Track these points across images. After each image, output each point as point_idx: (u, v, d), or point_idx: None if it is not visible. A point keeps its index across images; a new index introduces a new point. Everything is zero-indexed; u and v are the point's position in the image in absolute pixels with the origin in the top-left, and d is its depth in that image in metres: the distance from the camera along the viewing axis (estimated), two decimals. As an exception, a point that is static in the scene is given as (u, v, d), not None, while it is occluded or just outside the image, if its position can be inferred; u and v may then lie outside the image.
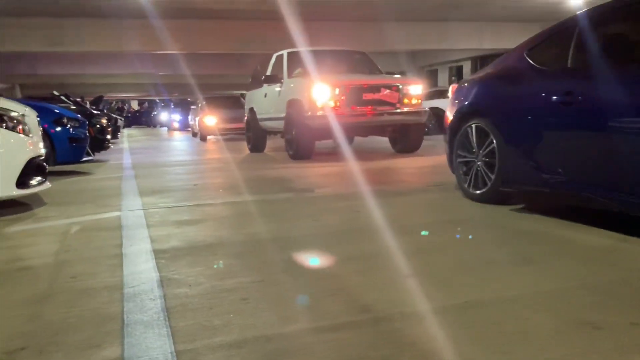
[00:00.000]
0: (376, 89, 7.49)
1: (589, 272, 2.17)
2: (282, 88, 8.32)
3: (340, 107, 7.24)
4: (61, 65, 21.15)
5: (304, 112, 7.32)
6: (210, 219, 3.56)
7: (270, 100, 8.94)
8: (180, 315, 1.85)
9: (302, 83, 7.73)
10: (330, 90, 7.21)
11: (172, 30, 15.02)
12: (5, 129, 3.79)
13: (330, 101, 7.21)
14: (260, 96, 9.48)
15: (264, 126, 9.58)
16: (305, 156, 7.64)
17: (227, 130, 14.71)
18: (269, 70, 9.30)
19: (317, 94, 7.20)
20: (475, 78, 4.10)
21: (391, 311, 1.82)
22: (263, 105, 9.34)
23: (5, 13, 13.45)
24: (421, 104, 7.92)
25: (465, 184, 3.82)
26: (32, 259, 2.71)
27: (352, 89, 7.35)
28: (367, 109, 7.39)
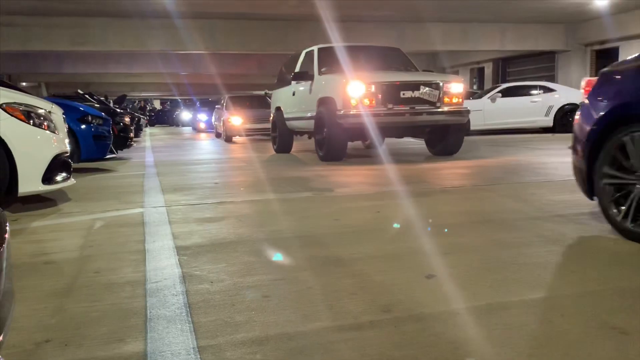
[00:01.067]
0: (415, 87, 6.99)
1: (615, 276, 2.13)
2: (313, 86, 7.88)
3: (375, 105, 6.81)
4: (86, 64, 21.47)
5: (336, 110, 6.92)
6: (232, 217, 3.58)
7: (298, 99, 8.54)
8: (202, 311, 1.86)
9: (334, 80, 7.29)
10: (365, 87, 6.79)
11: (195, 30, 15.15)
12: (32, 125, 3.86)
13: (365, 99, 6.79)
14: (288, 95, 9.11)
15: (291, 126, 9.19)
16: (336, 157, 7.27)
17: (253, 130, 14.17)
18: (297, 67, 8.92)
19: (351, 91, 6.77)
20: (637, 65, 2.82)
21: (413, 311, 1.80)
22: (290, 104, 8.97)
23: (32, 12, 13.71)
24: (462, 102, 7.38)
25: (619, 216, 2.68)
26: (56, 253, 2.75)
27: (388, 87, 6.90)
28: (405, 107, 6.93)
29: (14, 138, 3.71)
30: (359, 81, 6.83)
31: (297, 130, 9.28)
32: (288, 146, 9.65)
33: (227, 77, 28.98)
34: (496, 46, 17.83)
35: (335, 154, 7.27)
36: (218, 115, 16.57)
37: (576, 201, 3.54)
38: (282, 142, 9.57)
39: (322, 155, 7.43)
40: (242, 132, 14.12)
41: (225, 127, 14.50)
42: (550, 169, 5.83)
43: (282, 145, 9.60)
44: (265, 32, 15.75)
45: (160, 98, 50.89)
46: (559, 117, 13.44)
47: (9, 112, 3.75)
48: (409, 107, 6.93)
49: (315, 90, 7.71)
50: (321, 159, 7.48)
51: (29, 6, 12.95)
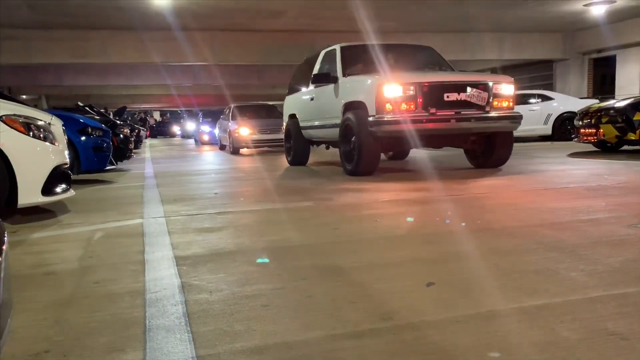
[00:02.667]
0: (461, 88, 6.05)
1: (615, 282, 2.13)
2: (337, 89, 7.01)
3: (415, 110, 5.89)
4: (86, 76, 21.58)
5: (367, 116, 6.06)
6: (231, 227, 3.58)
7: (318, 105, 7.69)
8: (201, 321, 1.85)
9: (365, 82, 6.38)
10: (403, 89, 5.89)
11: (195, 42, 15.25)
12: (32, 137, 3.88)
13: (402, 103, 5.89)
14: (304, 101, 8.30)
15: (308, 135, 8.36)
16: (367, 172, 6.39)
17: (263, 141, 13.38)
18: (315, 69, 8.03)
19: (386, 94, 5.87)
20: None
21: (413, 319, 1.80)
22: (308, 110, 8.15)
23: (33, 26, 13.80)
24: (513, 106, 6.41)
25: None
26: (56, 264, 2.75)
27: (431, 88, 5.97)
28: (450, 112, 5.99)
29: (13, 150, 3.73)
30: (396, 82, 5.95)
31: (314, 140, 8.47)
32: (304, 158, 8.87)
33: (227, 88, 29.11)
34: (494, 55, 17.93)
35: (367, 168, 6.38)
36: (222, 126, 15.62)
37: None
38: (298, 153, 8.77)
39: (350, 168, 6.54)
40: (250, 144, 13.35)
41: (232, 139, 13.64)
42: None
43: (297, 157, 8.82)
44: (264, 44, 15.85)
45: (161, 110, 51.05)
46: (558, 125, 13.49)
47: (9, 124, 3.77)
48: (454, 111, 6.01)
49: (340, 95, 6.89)
50: (348, 172, 6.61)
51: (30, 19, 13.05)
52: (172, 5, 12.11)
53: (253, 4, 12.40)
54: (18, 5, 11.63)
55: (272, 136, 13.06)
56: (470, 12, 14.03)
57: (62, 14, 12.69)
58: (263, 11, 13.12)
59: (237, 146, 13.52)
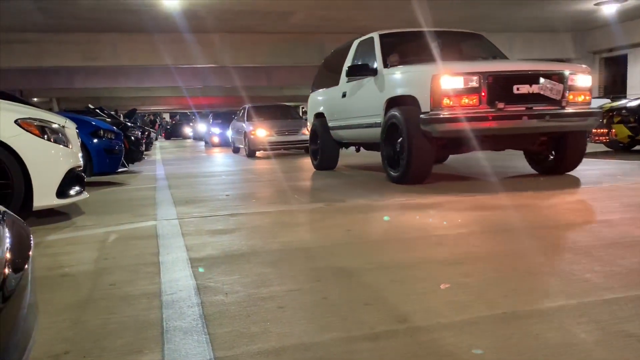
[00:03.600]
0: (533, 79, 5.08)
1: (631, 284, 2.12)
2: (377, 82, 6.12)
3: (479, 105, 4.96)
4: (97, 79, 21.77)
5: (419, 114, 5.16)
6: (244, 228, 3.60)
7: (352, 101, 6.82)
8: (218, 323, 1.87)
9: (417, 72, 5.48)
10: (464, 80, 4.97)
11: (204, 44, 15.33)
12: (47, 140, 3.92)
13: (464, 98, 4.97)
14: (334, 97, 7.43)
15: (338, 136, 7.51)
16: (418, 179, 5.44)
17: (281, 143, 12.73)
18: (348, 61, 7.21)
19: (444, 86, 4.96)
20: None
21: (429, 321, 1.81)
22: (338, 108, 7.30)
23: (44, 29, 13.93)
24: (591, 101, 5.46)
25: None
26: (72, 266, 2.78)
27: (497, 79, 5.02)
28: (521, 108, 5.03)
29: (29, 153, 3.77)
30: (456, 72, 5.03)
31: (346, 142, 7.64)
32: (332, 161, 8.02)
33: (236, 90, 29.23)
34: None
35: (417, 175, 5.41)
36: (236, 127, 14.82)
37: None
38: (325, 156, 7.92)
39: (397, 176, 5.58)
40: (267, 146, 12.68)
41: (248, 141, 12.90)
42: None
43: (325, 161, 7.97)
44: (273, 46, 15.89)
45: (170, 111, 51.32)
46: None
47: (24, 127, 3.81)
48: (525, 107, 5.04)
49: (382, 89, 5.97)
50: (394, 180, 5.65)
51: (41, 23, 13.18)
52: (181, 7, 12.18)
53: (262, 6, 12.44)
54: (30, 9, 11.74)
55: (290, 138, 12.59)
56: (481, 12, 13.99)
57: (73, 17, 12.80)
58: (272, 13, 13.16)
59: (253, 149, 12.90)
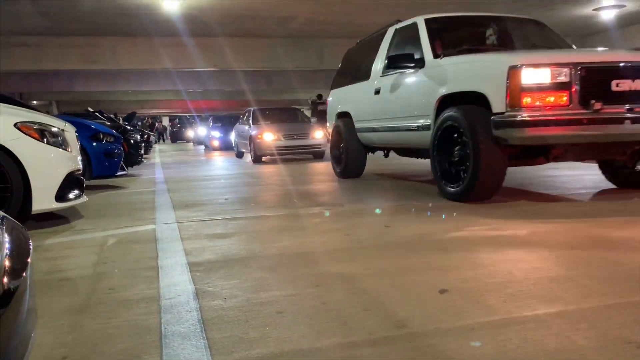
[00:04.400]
0: (636, 72, 4.05)
1: (631, 290, 2.12)
2: (425, 76, 5.07)
3: (570, 105, 3.94)
4: (96, 82, 21.78)
5: (489, 115, 4.16)
6: (243, 232, 3.60)
7: (389, 99, 5.79)
8: (216, 328, 1.87)
9: (486, 63, 4.43)
10: (552, 74, 3.95)
11: (204, 48, 15.36)
12: (46, 143, 3.92)
13: (551, 95, 3.97)
14: (364, 94, 6.47)
15: (368, 140, 6.61)
16: (485, 196, 4.43)
17: (290, 148, 11.99)
18: (381, 52, 6.22)
19: (526, 80, 3.96)
20: None
21: (428, 327, 1.80)
22: (370, 107, 6.32)
23: (44, 32, 13.95)
24: None
25: None
26: (70, 270, 2.78)
27: (592, 72, 3.99)
28: (622, 109, 3.99)
29: (28, 156, 3.77)
30: (541, 64, 4.02)
31: (374, 146, 6.78)
32: (359, 168, 7.11)
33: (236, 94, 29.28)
34: (503, 60, 17.85)
35: (485, 191, 4.39)
36: (240, 131, 13.95)
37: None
38: (351, 161, 6.99)
39: (456, 191, 4.50)
40: (274, 151, 11.93)
41: (255, 145, 12.06)
42: None
43: (350, 167, 7.04)
44: (273, 50, 15.92)
45: (170, 115, 51.36)
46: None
47: (24, 130, 3.81)
48: (626, 107, 3.99)
49: (433, 84, 4.92)
50: (451, 196, 4.58)
51: (41, 26, 13.19)
52: (181, 11, 12.19)
53: (262, 10, 12.45)
54: (29, 12, 11.76)
55: (299, 142, 11.94)
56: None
57: (73, 20, 12.82)
58: (272, 17, 13.18)
59: (259, 154, 12.08)
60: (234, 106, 34.10)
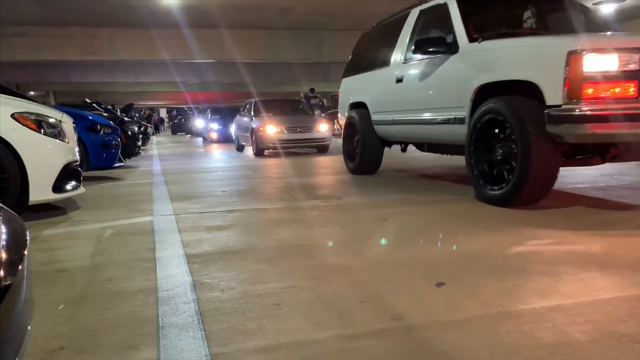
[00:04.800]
0: None
1: (627, 284, 2.13)
2: (459, 63, 4.45)
3: (638, 97, 3.40)
4: (94, 73, 21.71)
5: (542, 108, 3.61)
6: (240, 225, 3.60)
7: (416, 88, 5.12)
8: (213, 319, 1.87)
9: (536, 48, 3.85)
10: (618, 61, 3.41)
11: (203, 39, 15.31)
12: (43, 134, 3.90)
13: (617, 86, 3.44)
14: (384, 83, 5.81)
15: (387, 133, 5.99)
16: (533, 199, 3.85)
17: (293, 141, 11.60)
18: (404, 36, 5.52)
19: (588, 67, 3.41)
20: None
21: (424, 320, 1.81)
22: (390, 97, 5.68)
23: (42, 23, 13.88)
24: None
25: None
26: (68, 261, 2.78)
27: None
28: None
29: (25, 147, 3.76)
30: (606, 49, 3.47)
31: (396, 140, 6.18)
32: (374, 164, 6.47)
33: (234, 86, 29.21)
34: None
35: (535, 194, 3.83)
36: (241, 124, 13.41)
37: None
38: (366, 157, 6.35)
39: (500, 194, 3.89)
40: (277, 144, 11.56)
41: (256, 138, 11.66)
42: None
43: (365, 163, 6.41)
44: (272, 41, 15.88)
45: (167, 107, 51.23)
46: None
47: (21, 121, 3.79)
48: None
49: (470, 71, 4.32)
50: (493, 200, 3.96)
51: (39, 17, 13.12)
52: (180, 2, 12.14)
53: (262, 1, 12.40)
54: (27, 2, 11.69)
55: (303, 135, 11.53)
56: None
57: (71, 11, 12.76)
58: (271, 8, 13.13)
59: (261, 147, 11.69)
60: (232, 98, 34.03)
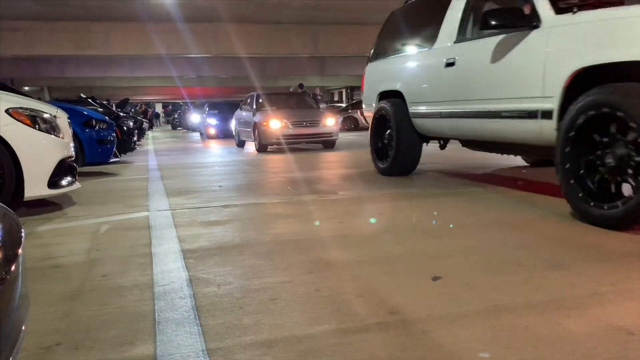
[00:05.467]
0: None
1: (621, 277, 2.14)
2: (543, 39, 3.48)
3: None
4: (89, 68, 21.60)
5: None
6: (237, 220, 3.59)
7: (475, 73, 4.21)
8: (210, 314, 1.87)
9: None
10: None
11: (198, 33, 15.24)
12: (38, 130, 3.89)
13: None
14: (425, 66, 4.91)
15: (431, 128, 5.00)
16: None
17: (298, 137, 10.98)
18: (455, 9, 4.59)
19: None
20: None
21: (420, 314, 1.82)
22: (437, 83, 4.72)
23: (36, 17, 13.79)
24: None
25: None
26: (63, 257, 2.77)
27: None
28: None
29: (20, 143, 3.74)
30: None
31: (438, 136, 5.18)
32: (411, 164, 5.46)
33: (230, 80, 29.12)
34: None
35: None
36: (242, 118, 12.69)
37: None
38: (402, 155, 5.31)
39: (613, 213, 2.89)
40: (281, 139, 10.90)
41: (259, 133, 11.02)
42: None
43: (400, 163, 5.37)
44: (268, 36, 15.83)
45: (163, 101, 51.06)
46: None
47: (15, 117, 3.78)
48: None
49: (557, 51, 3.37)
50: (600, 221, 2.99)
51: (33, 11, 13.04)
52: (175, -4, 12.08)
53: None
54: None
55: (309, 130, 10.96)
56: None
57: (65, 5, 12.68)
58: (267, 3, 13.08)
59: (265, 142, 11.03)
60: (228, 92, 33.94)
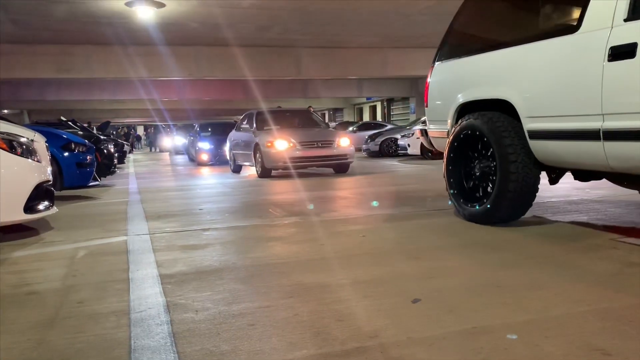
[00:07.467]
0: None
1: (598, 298, 2.16)
2: None
3: None
4: (69, 91, 21.46)
5: None
6: (217, 243, 3.56)
7: None
8: (187, 341, 1.84)
9: None
10: None
11: (180, 57, 15.26)
12: (14, 154, 3.83)
13: None
14: (564, 62, 3.28)
15: (559, 154, 3.46)
16: None
17: (308, 159, 9.62)
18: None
19: None
20: None
21: (400, 337, 1.81)
22: (589, 86, 3.06)
23: (16, 41, 13.69)
24: None
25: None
26: (39, 283, 2.72)
27: None
28: None
29: (-4, 167, 3.68)
30: None
31: (575, 168, 3.63)
32: (522, 205, 3.76)
33: (213, 103, 29.15)
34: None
35: None
36: (239, 139, 11.22)
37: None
38: (513, 192, 3.61)
39: None
40: (288, 162, 9.49)
41: (263, 156, 9.60)
42: None
43: (506, 205, 3.69)
44: (250, 59, 15.88)
45: (145, 124, 50.83)
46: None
47: (-9, 141, 3.72)
48: None
49: None
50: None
51: (13, 34, 12.95)
52: (156, 20, 12.09)
53: (238, 19, 12.43)
54: (1, 20, 11.54)
55: (320, 152, 9.62)
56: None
57: (45, 28, 12.61)
58: (249, 26, 13.18)
59: (269, 166, 9.64)
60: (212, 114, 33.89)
